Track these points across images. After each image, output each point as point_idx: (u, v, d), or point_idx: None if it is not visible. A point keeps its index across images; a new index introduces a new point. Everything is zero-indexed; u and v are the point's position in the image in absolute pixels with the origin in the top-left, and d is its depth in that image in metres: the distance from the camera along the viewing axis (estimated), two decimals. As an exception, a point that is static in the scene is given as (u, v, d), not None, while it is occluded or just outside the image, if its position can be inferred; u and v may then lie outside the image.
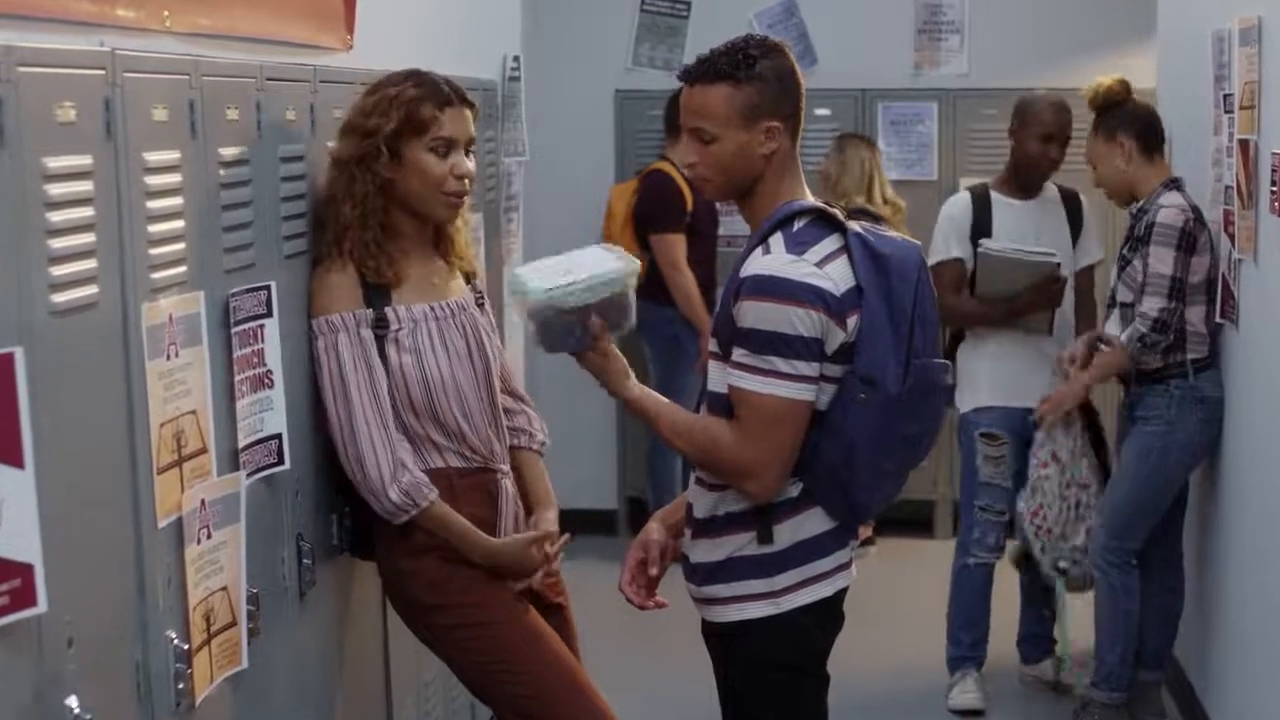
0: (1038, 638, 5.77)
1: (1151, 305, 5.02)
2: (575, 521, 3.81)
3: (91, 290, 2.45)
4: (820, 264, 3.05)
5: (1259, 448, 4.62)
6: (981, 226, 5.60)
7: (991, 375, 5.49)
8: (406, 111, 3.39)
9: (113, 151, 2.53)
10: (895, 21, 7.81)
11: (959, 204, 5.72)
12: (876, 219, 6.45)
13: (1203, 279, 5.07)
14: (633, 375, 3.26)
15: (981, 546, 5.57)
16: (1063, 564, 5.35)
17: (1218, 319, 5.02)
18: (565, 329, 3.19)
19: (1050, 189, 5.73)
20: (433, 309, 3.48)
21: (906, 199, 7.15)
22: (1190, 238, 5.02)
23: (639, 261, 3.25)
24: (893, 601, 6.22)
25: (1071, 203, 5.72)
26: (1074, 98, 5.63)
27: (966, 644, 5.61)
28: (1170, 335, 5.02)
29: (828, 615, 3.23)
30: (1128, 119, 5.24)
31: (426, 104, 3.41)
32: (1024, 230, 5.61)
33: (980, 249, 5.49)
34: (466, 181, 3.47)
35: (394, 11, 4.53)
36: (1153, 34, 6.47)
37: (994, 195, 5.67)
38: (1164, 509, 5.24)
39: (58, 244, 2.35)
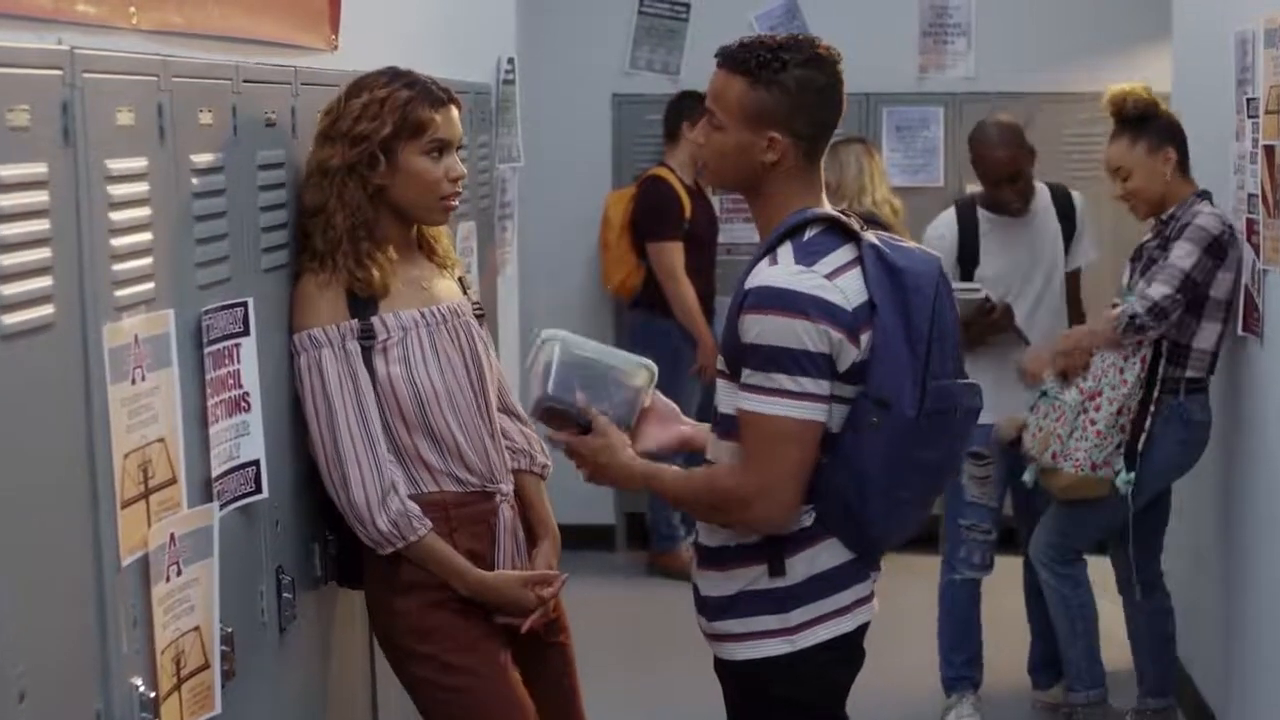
0: (1050, 664, 5.61)
1: (1156, 290, 4.83)
2: (572, 537, 3.66)
3: (47, 310, 2.26)
4: (831, 276, 2.87)
5: (1287, 466, 4.45)
6: (969, 249, 5.43)
7: (995, 391, 5.28)
8: (403, 114, 3.23)
9: (71, 159, 2.33)
10: (900, 23, 7.66)
11: (945, 226, 5.51)
12: (881, 226, 6.34)
13: (1224, 297, 4.89)
14: (628, 449, 3.13)
15: (968, 565, 5.46)
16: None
17: (1240, 332, 4.85)
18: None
19: (1042, 193, 5.53)
20: (423, 314, 3.31)
21: (912, 206, 6.98)
22: (1222, 249, 4.85)
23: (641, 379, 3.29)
24: (893, 619, 5.97)
25: (1063, 202, 5.54)
26: (1083, 102, 5.47)
27: (959, 664, 5.49)
28: (1163, 327, 4.84)
29: (847, 653, 3.06)
30: (1169, 131, 5.07)
31: (422, 105, 3.25)
32: (1016, 246, 5.44)
33: None
34: (459, 184, 3.34)
35: (382, 10, 4.34)
36: (1167, 35, 6.30)
37: (981, 213, 5.47)
38: (1118, 524, 5.09)
39: (9, 260, 2.16)
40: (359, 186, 3.23)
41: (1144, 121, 5.06)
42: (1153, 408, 4.91)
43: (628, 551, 7.65)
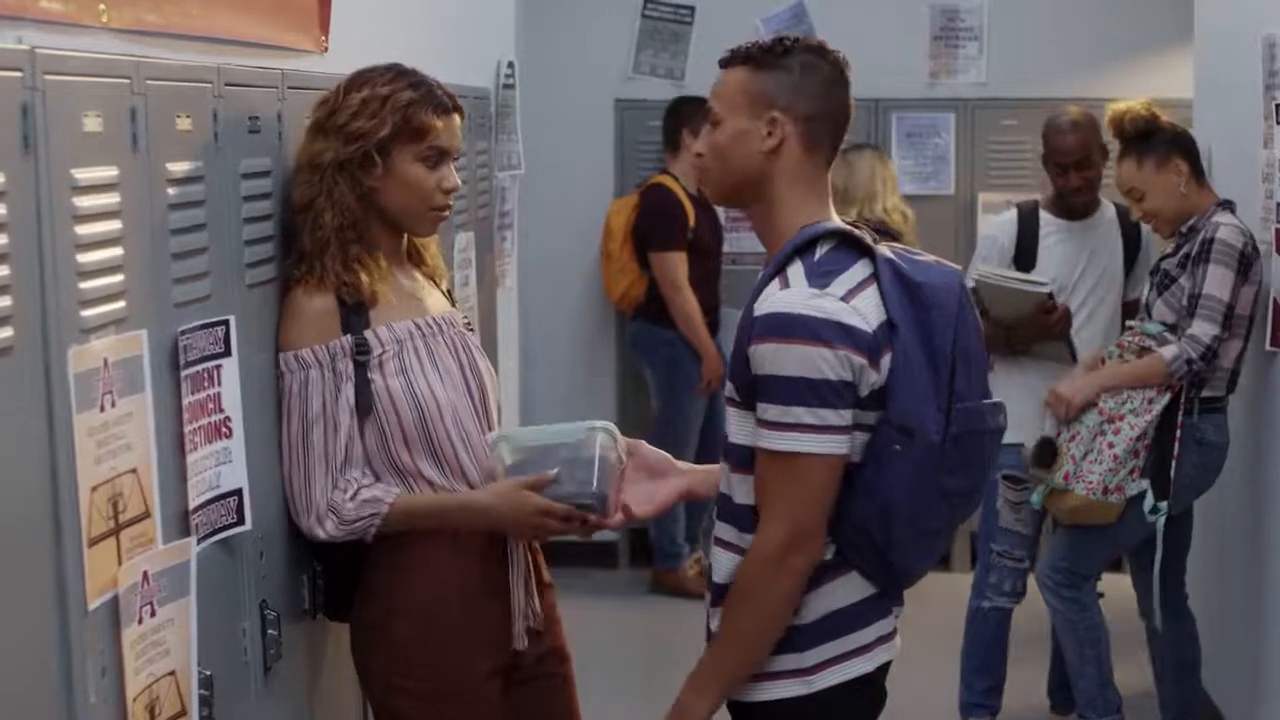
0: (1069, 686, 5.44)
1: (1205, 330, 4.66)
2: (574, 554, 3.48)
3: (5, 333, 2.09)
4: (847, 297, 2.69)
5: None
6: (1026, 251, 5.29)
7: (1022, 409, 5.09)
8: (403, 116, 3.07)
9: (31, 167, 2.15)
10: (910, 28, 7.49)
11: (1005, 226, 5.40)
12: (892, 235, 6.18)
13: (1245, 312, 4.74)
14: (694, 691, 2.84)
15: (998, 592, 5.30)
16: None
17: (1268, 347, 4.69)
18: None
19: (1108, 209, 5.41)
20: (417, 325, 3.15)
21: (922, 214, 6.85)
22: (1246, 263, 4.68)
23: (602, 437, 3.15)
24: (905, 639, 5.89)
25: (1129, 224, 5.37)
26: (1100, 109, 5.31)
27: (979, 690, 5.35)
28: (1214, 364, 4.67)
29: (867, 694, 2.88)
30: (1175, 143, 4.89)
31: (424, 110, 3.09)
32: (1075, 253, 5.30)
33: (975, 277, 5.12)
34: (452, 195, 3.18)
35: (376, 10, 4.17)
36: (1187, 39, 6.15)
37: (1043, 215, 5.34)
38: (1130, 545, 4.98)
39: (-39, 278, 1.99)
40: (350, 186, 3.07)
41: (1147, 138, 4.89)
42: (1179, 432, 4.74)
43: (631, 569, 7.52)
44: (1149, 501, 4.74)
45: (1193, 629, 5.13)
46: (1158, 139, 4.88)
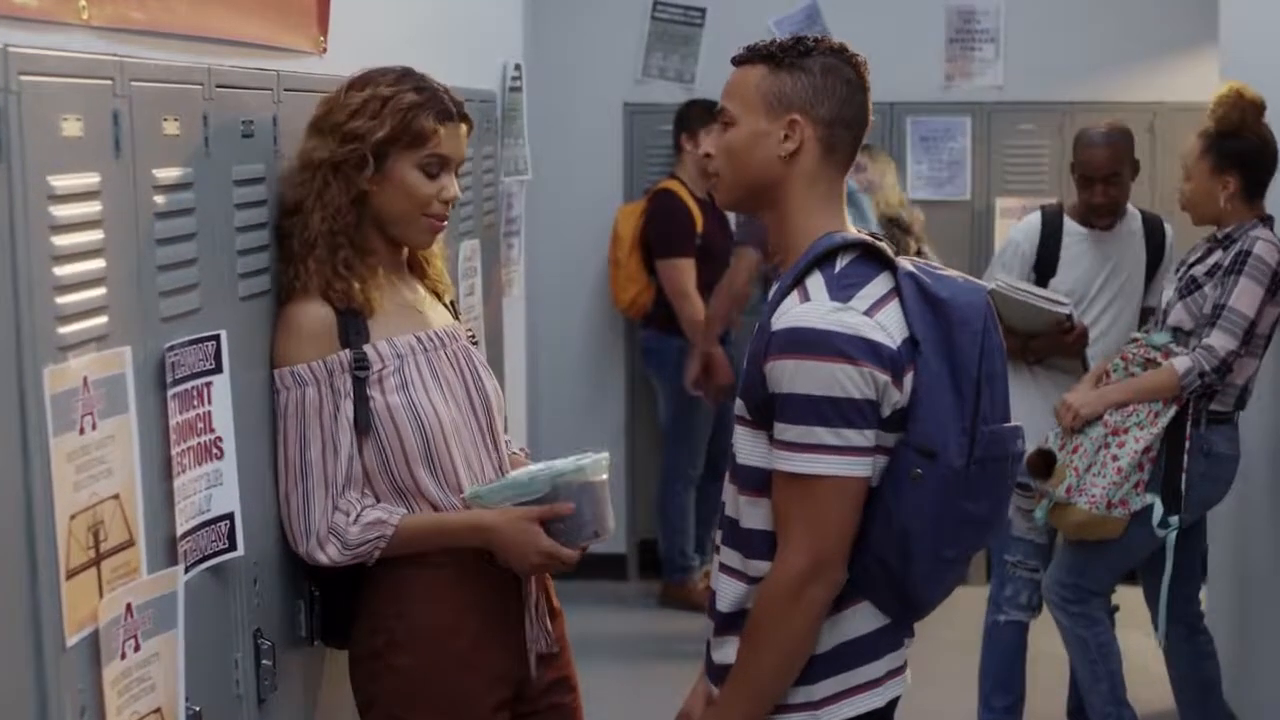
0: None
1: (1223, 343, 4.53)
2: (583, 566, 3.35)
3: (-26, 352, 1.96)
4: (870, 311, 2.55)
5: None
6: (1048, 258, 5.15)
7: (1033, 418, 4.96)
8: (403, 120, 2.94)
9: (5, 175, 2.01)
10: (925, 30, 7.37)
11: (1028, 231, 5.24)
12: (904, 228, 6.05)
13: (1265, 333, 4.63)
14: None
15: (1014, 605, 5.18)
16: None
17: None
18: None
19: (1134, 219, 5.25)
20: (419, 339, 3.02)
21: (937, 220, 6.74)
22: (1278, 282, 4.54)
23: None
24: (919, 656, 5.77)
25: (1154, 230, 5.25)
26: (1118, 112, 5.18)
27: (1000, 709, 5.22)
28: (1223, 383, 4.54)
29: None
30: (1239, 158, 4.71)
31: (426, 115, 2.95)
32: (1095, 265, 5.17)
33: (994, 284, 4.98)
34: (450, 206, 3.05)
35: (378, 10, 4.04)
36: (1206, 41, 6.03)
37: (1067, 222, 5.19)
38: (1137, 561, 4.86)
39: (-74, 294, 1.86)
40: (343, 188, 2.94)
41: (1222, 137, 4.72)
42: (1187, 444, 4.60)
43: (640, 581, 7.43)
44: (1158, 514, 4.61)
45: (1209, 646, 5.00)
46: (1227, 146, 4.71)
